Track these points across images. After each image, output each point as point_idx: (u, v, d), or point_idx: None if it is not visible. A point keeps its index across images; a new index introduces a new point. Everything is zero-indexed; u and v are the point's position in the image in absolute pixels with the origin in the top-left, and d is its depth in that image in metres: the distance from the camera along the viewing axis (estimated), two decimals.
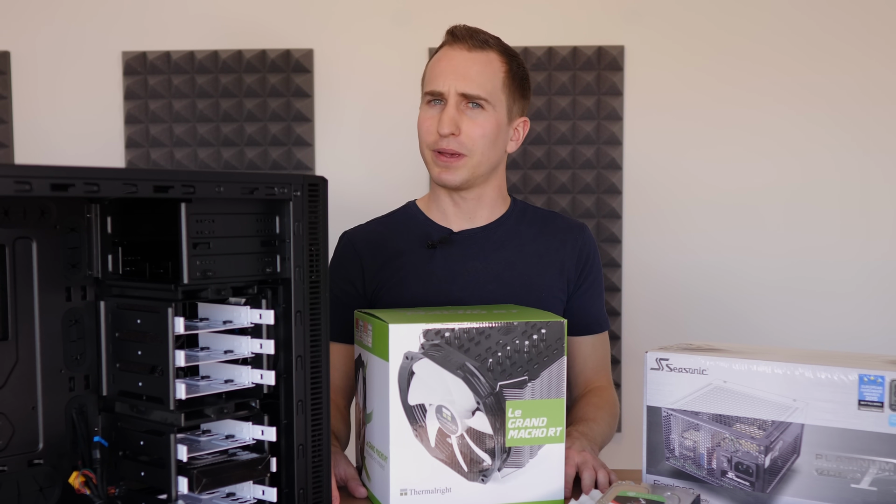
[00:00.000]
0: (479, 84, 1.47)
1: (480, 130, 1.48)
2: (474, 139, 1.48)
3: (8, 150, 2.31)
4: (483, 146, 1.49)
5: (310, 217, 1.05)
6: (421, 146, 1.53)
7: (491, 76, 1.49)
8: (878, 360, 1.12)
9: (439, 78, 1.48)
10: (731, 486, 1.15)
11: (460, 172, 1.49)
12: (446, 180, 1.50)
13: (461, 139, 1.47)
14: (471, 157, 1.48)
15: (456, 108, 1.47)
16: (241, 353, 1.05)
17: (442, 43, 1.53)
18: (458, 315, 1.22)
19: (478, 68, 1.48)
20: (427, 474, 1.17)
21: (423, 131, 1.51)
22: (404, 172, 2.30)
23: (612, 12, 2.29)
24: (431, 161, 1.51)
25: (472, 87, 1.47)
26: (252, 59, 2.29)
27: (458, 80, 1.47)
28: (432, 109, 1.50)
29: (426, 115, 1.51)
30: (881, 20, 2.25)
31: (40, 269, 0.98)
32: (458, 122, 1.46)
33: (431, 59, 1.54)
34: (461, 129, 1.47)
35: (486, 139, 1.48)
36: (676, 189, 2.30)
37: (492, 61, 1.49)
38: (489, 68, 1.49)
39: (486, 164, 1.51)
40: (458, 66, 1.48)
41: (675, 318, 2.31)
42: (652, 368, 1.20)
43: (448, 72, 1.48)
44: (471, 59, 1.48)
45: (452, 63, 1.48)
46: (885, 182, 2.27)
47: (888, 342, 2.25)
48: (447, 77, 1.48)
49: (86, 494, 0.98)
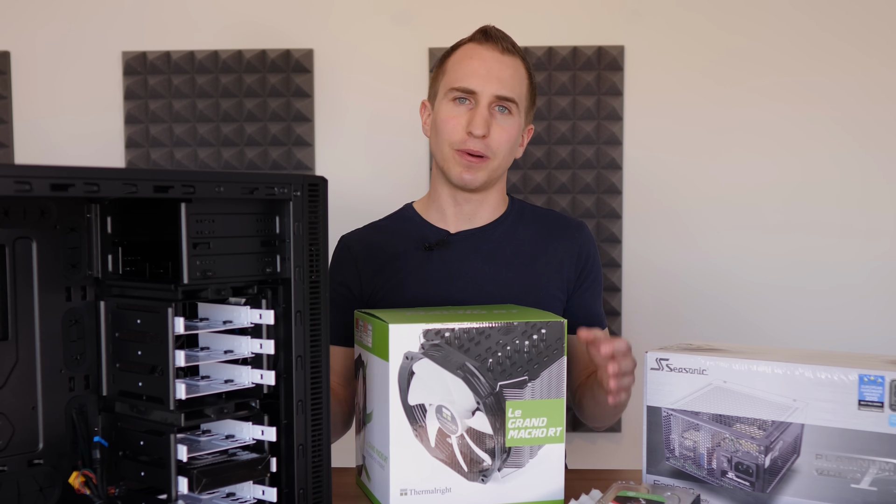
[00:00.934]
0: (511, 88, 1.47)
1: (507, 135, 1.48)
2: (501, 143, 1.47)
3: (8, 150, 2.31)
4: (506, 150, 1.49)
5: (310, 217, 1.05)
6: (441, 143, 1.50)
7: (519, 82, 1.49)
8: (878, 360, 1.12)
9: (473, 77, 1.46)
10: (731, 486, 1.15)
11: (481, 174, 1.49)
12: (468, 181, 1.49)
13: (488, 142, 1.47)
14: (493, 159, 1.48)
15: (488, 110, 1.46)
16: (241, 353, 1.05)
17: (466, 39, 1.51)
18: (458, 315, 1.22)
19: (510, 72, 1.48)
20: (427, 474, 1.17)
21: (449, 129, 1.48)
22: (405, 172, 2.30)
23: (612, 12, 2.28)
24: (453, 159, 1.49)
25: (506, 89, 1.46)
26: (252, 59, 2.29)
27: (493, 81, 1.46)
28: (458, 108, 1.48)
29: (453, 113, 1.48)
30: (881, 20, 2.25)
31: (40, 269, 0.98)
32: (489, 124, 1.46)
33: (456, 55, 1.51)
34: (491, 131, 1.46)
35: (510, 144, 1.49)
36: (676, 189, 2.30)
37: (518, 67, 1.50)
38: (518, 73, 1.49)
39: (503, 169, 1.52)
40: (493, 68, 1.46)
41: (675, 318, 2.31)
42: (652, 368, 1.20)
43: (482, 72, 1.46)
44: (503, 62, 1.47)
45: (486, 63, 1.47)
46: (885, 182, 2.27)
47: (888, 342, 2.25)
48: (481, 77, 1.46)
49: (86, 494, 0.98)
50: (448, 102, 1.49)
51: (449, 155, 1.49)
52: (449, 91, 1.49)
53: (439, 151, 1.51)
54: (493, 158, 1.48)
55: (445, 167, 1.50)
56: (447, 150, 1.49)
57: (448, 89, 1.49)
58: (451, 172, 1.50)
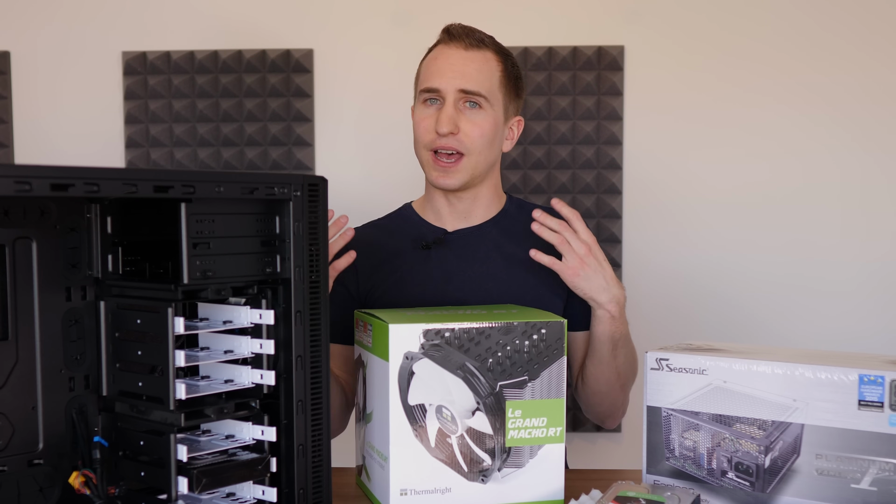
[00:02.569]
0: (477, 81, 1.47)
1: (479, 130, 1.47)
2: (473, 139, 1.47)
3: (8, 150, 2.31)
4: (481, 146, 1.48)
5: (310, 217, 1.05)
6: (417, 147, 1.52)
7: (488, 75, 1.48)
8: (878, 360, 1.12)
9: (436, 76, 1.47)
10: (731, 486, 1.15)
11: (459, 175, 1.48)
12: (444, 184, 1.49)
13: (460, 138, 1.46)
14: (469, 156, 1.48)
15: (454, 107, 1.46)
16: (241, 353, 1.05)
17: (437, 41, 1.52)
18: (458, 315, 1.22)
19: (475, 66, 1.47)
20: (427, 474, 1.17)
21: (421, 131, 1.49)
22: (404, 172, 2.30)
23: (612, 12, 2.28)
24: (428, 163, 1.50)
25: (470, 83, 1.46)
26: (252, 59, 2.29)
27: (457, 77, 1.46)
28: (429, 109, 1.49)
29: (423, 115, 1.50)
30: (882, 20, 2.25)
31: (40, 269, 0.98)
32: (456, 120, 1.46)
33: (426, 58, 1.53)
34: (460, 127, 1.46)
35: (484, 139, 1.48)
36: (676, 189, 2.30)
37: (488, 60, 1.49)
38: (486, 66, 1.48)
39: (484, 164, 1.51)
40: (456, 64, 1.47)
41: (675, 318, 2.31)
42: (652, 368, 1.20)
43: (445, 69, 1.47)
44: (468, 57, 1.47)
45: (449, 61, 1.47)
46: (885, 182, 2.27)
47: (888, 342, 2.25)
48: (444, 74, 1.47)
49: (86, 494, 0.98)
50: (420, 105, 1.51)
51: (425, 158, 1.51)
52: (419, 94, 1.51)
53: (418, 154, 1.53)
54: (468, 155, 1.48)
55: (425, 171, 1.52)
56: (423, 153, 1.51)
57: (418, 92, 1.52)
58: (429, 177, 1.51)
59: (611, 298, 1.41)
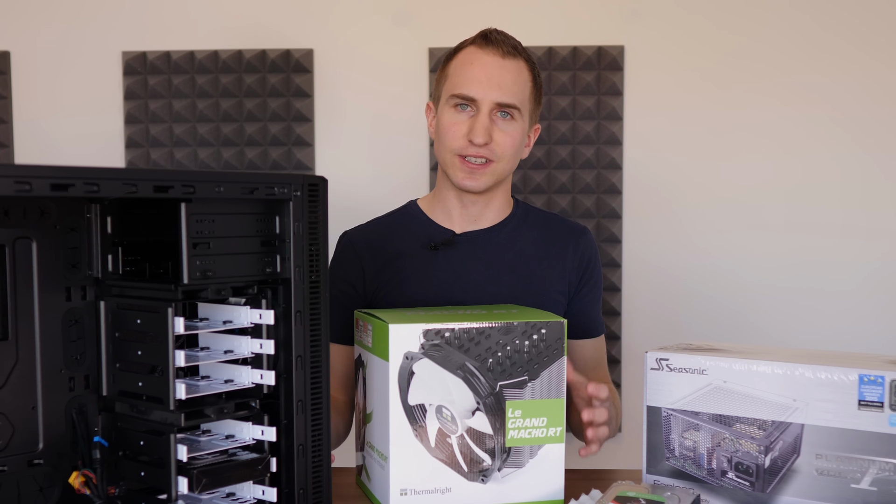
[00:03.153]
0: (513, 93, 1.46)
1: (511, 140, 1.47)
2: (505, 148, 1.46)
3: (8, 150, 2.31)
4: (511, 154, 1.48)
5: (310, 217, 1.05)
6: (441, 149, 1.50)
7: (522, 85, 1.47)
8: (878, 360, 1.12)
9: (472, 84, 1.45)
10: (731, 486, 1.15)
11: (485, 179, 1.48)
12: (470, 186, 1.48)
13: (492, 147, 1.46)
14: (498, 163, 1.48)
15: (489, 117, 1.45)
16: (241, 353, 1.05)
17: (467, 42, 1.50)
18: (458, 315, 1.22)
19: (511, 77, 1.46)
20: (427, 474, 1.17)
21: (451, 136, 1.47)
22: (405, 172, 2.30)
23: (612, 12, 2.28)
24: (454, 165, 1.48)
25: (507, 96, 1.45)
26: (252, 59, 2.29)
27: (494, 89, 1.44)
28: (460, 115, 1.47)
29: (454, 120, 1.47)
30: (882, 20, 2.25)
31: (40, 269, 0.98)
32: (490, 131, 1.45)
33: (456, 59, 1.50)
34: (493, 137, 1.45)
35: (514, 148, 1.48)
36: (676, 189, 2.30)
37: (522, 70, 1.48)
38: (521, 77, 1.47)
39: (507, 172, 1.52)
40: (493, 74, 1.45)
41: (676, 318, 2.31)
42: (652, 368, 1.20)
43: (482, 79, 1.45)
44: (504, 66, 1.45)
45: (486, 70, 1.45)
46: (885, 182, 2.27)
47: (888, 342, 2.25)
48: (482, 84, 1.44)
49: (86, 494, 0.98)
50: (450, 109, 1.48)
51: (450, 160, 1.49)
52: (450, 97, 1.48)
53: (442, 156, 1.51)
54: (497, 162, 1.48)
55: (449, 172, 1.50)
56: (448, 156, 1.49)
57: (449, 95, 1.48)
58: (453, 178, 1.49)
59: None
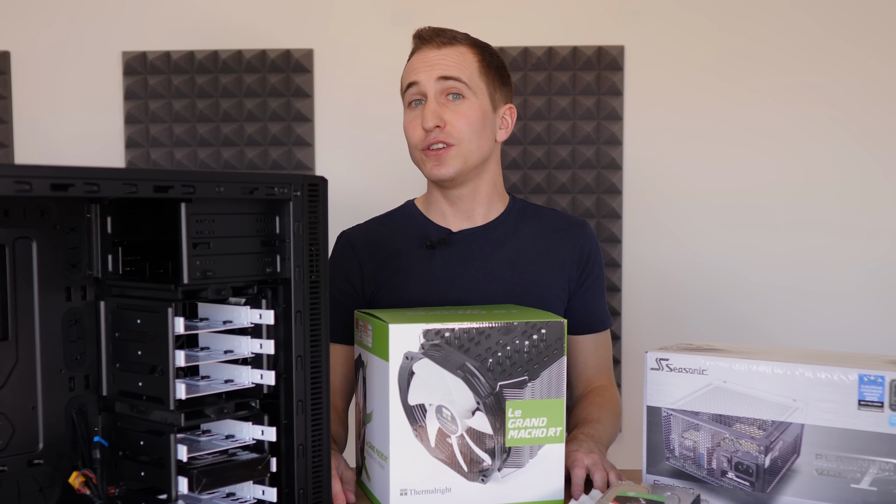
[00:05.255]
0: (455, 68, 1.48)
1: (465, 119, 1.47)
2: (460, 129, 1.47)
3: (8, 150, 2.31)
4: (470, 134, 1.48)
5: (310, 217, 1.05)
6: (411, 150, 1.52)
7: (466, 65, 1.49)
8: (878, 360, 1.12)
9: (413, 72, 1.50)
10: (731, 486, 1.15)
11: (452, 163, 1.48)
12: (440, 174, 1.49)
13: (447, 130, 1.47)
14: (459, 145, 1.47)
15: (436, 102, 1.47)
16: (241, 353, 1.05)
17: (412, 49, 1.54)
18: (458, 315, 1.22)
19: (451, 59, 1.49)
20: (427, 474, 1.17)
21: (410, 133, 1.51)
22: (404, 172, 2.30)
23: (612, 12, 2.28)
24: (422, 160, 1.50)
25: (448, 70, 1.47)
26: (252, 59, 2.29)
27: (434, 68, 1.47)
28: (414, 111, 1.50)
29: (410, 118, 1.51)
30: (882, 20, 2.25)
31: (40, 269, 0.98)
32: (440, 114, 1.46)
33: (405, 67, 1.54)
34: (445, 120, 1.46)
35: (472, 127, 1.48)
36: (676, 189, 2.30)
37: (463, 53, 1.50)
38: (462, 58, 1.50)
39: (477, 154, 1.50)
40: (430, 58, 1.49)
41: (676, 318, 2.31)
42: (652, 368, 1.20)
43: (421, 66, 1.49)
44: (441, 53, 1.49)
45: (425, 58, 1.49)
46: (886, 182, 2.27)
47: (888, 342, 2.25)
48: (421, 69, 1.48)
49: (86, 494, 0.98)
50: (406, 110, 1.53)
51: (418, 157, 1.51)
52: (404, 98, 1.53)
53: (412, 156, 1.54)
54: (458, 144, 1.48)
55: (421, 169, 1.53)
56: (416, 154, 1.52)
57: (404, 97, 1.53)
58: (425, 172, 1.52)
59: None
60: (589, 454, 1.29)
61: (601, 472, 1.26)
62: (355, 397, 1.33)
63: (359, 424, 1.30)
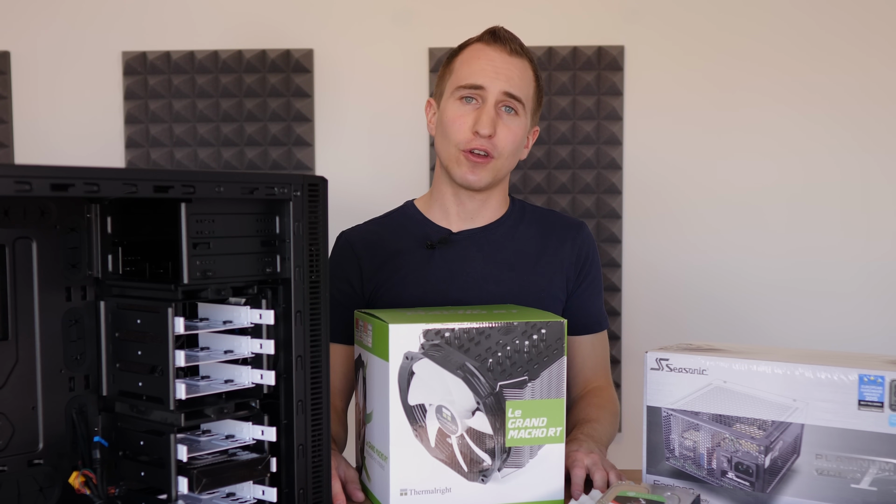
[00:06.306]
0: (519, 87, 1.46)
1: (513, 136, 1.47)
2: (506, 143, 1.47)
3: (8, 150, 2.31)
4: (511, 151, 1.48)
5: (310, 217, 1.05)
6: (446, 143, 1.49)
7: (527, 83, 1.49)
8: (878, 360, 1.12)
9: (480, 74, 1.45)
10: (731, 486, 1.15)
11: (486, 175, 1.48)
12: (472, 181, 1.48)
13: (494, 141, 1.46)
14: (498, 159, 1.47)
15: (495, 110, 1.46)
16: (241, 353, 1.05)
17: (473, 40, 1.50)
18: (458, 315, 1.22)
19: (518, 72, 1.47)
20: (427, 474, 1.17)
21: (455, 129, 1.47)
22: (404, 172, 2.30)
23: (612, 12, 2.29)
24: (458, 159, 1.48)
25: (515, 87, 1.45)
26: (252, 59, 2.29)
27: (502, 79, 1.45)
28: (465, 107, 1.47)
29: (459, 112, 1.47)
30: (882, 20, 2.25)
31: (40, 269, 0.98)
32: (495, 123, 1.45)
33: (463, 54, 1.50)
34: (497, 131, 1.46)
35: (514, 145, 1.48)
36: (676, 189, 2.30)
37: (526, 69, 1.49)
38: (525, 75, 1.49)
39: (507, 169, 1.51)
40: (501, 67, 1.46)
41: (676, 318, 2.31)
42: (652, 368, 1.20)
43: (490, 70, 1.45)
44: (511, 62, 1.47)
45: (494, 63, 1.46)
46: (886, 182, 2.27)
47: (888, 342, 2.25)
48: (489, 74, 1.45)
49: (86, 494, 0.98)
50: (455, 101, 1.48)
51: (454, 155, 1.48)
52: (456, 90, 1.48)
53: (444, 151, 1.50)
54: (497, 158, 1.47)
55: (450, 167, 1.50)
56: (453, 151, 1.48)
57: (455, 88, 1.48)
58: (455, 172, 1.49)
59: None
60: (589, 454, 1.29)
61: (601, 471, 1.26)
62: (355, 397, 1.33)
63: (359, 424, 1.30)
